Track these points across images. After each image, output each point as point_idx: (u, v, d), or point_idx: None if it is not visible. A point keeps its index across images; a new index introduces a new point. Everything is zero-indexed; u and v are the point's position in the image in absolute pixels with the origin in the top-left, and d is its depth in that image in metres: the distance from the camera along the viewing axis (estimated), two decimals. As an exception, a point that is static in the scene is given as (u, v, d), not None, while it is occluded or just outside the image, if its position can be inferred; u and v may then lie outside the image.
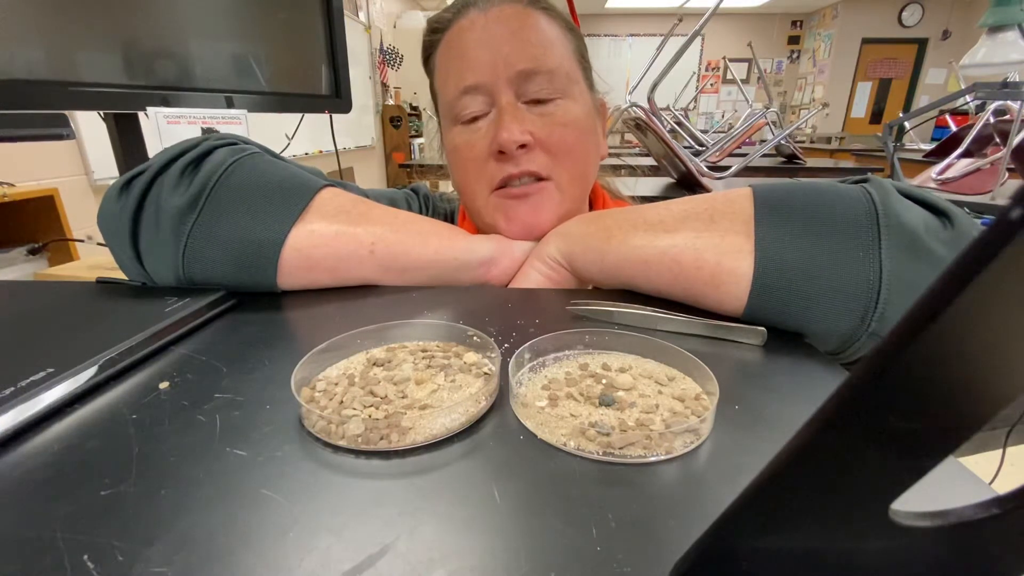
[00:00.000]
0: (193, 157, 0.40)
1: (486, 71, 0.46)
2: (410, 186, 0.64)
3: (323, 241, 0.40)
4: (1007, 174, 1.36)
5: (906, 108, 6.81)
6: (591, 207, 0.56)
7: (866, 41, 6.74)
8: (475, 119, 0.48)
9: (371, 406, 0.24)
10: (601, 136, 0.54)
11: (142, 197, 0.39)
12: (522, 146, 0.45)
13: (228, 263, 0.38)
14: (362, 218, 0.42)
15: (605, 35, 7.42)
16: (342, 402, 0.24)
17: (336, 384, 0.26)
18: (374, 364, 0.28)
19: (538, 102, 0.47)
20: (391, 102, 4.72)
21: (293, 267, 0.39)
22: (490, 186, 0.48)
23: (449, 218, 0.62)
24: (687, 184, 1.48)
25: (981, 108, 1.76)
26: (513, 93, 0.46)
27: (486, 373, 0.27)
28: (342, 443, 0.22)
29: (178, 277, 0.38)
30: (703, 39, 7.29)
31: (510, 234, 0.47)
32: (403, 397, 0.25)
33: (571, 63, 0.49)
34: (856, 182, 0.36)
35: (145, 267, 0.40)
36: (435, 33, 0.51)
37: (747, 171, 1.75)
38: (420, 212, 0.61)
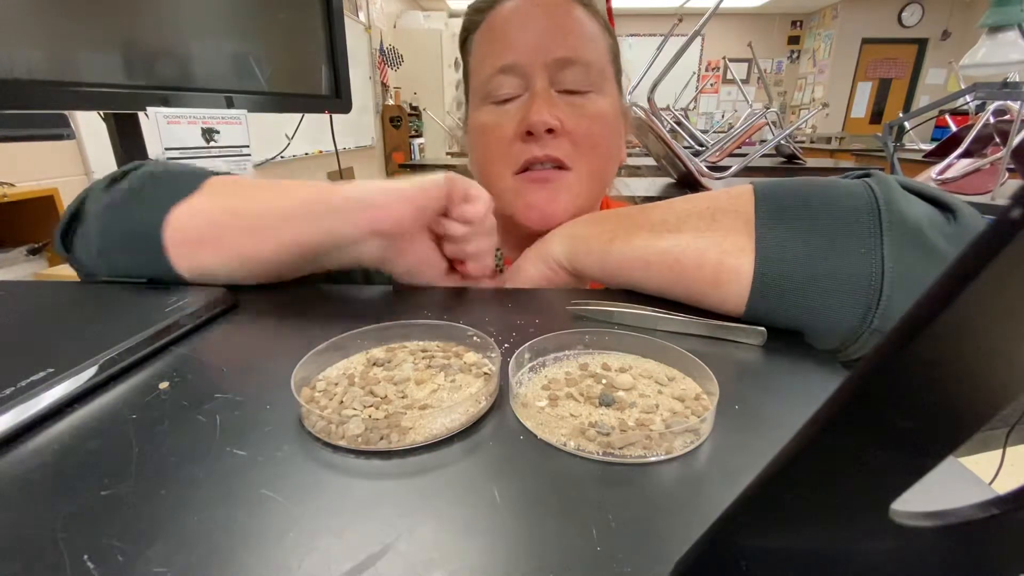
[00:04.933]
0: (117, 174, 0.42)
1: (525, 53, 0.47)
2: None
3: (198, 213, 0.39)
4: (1007, 174, 1.36)
5: (906, 108, 6.81)
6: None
7: (866, 41, 6.74)
8: (507, 100, 0.48)
9: (371, 406, 0.24)
10: (622, 140, 0.55)
11: (76, 212, 0.41)
12: (550, 130, 0.46)
13: (127, 254, 0.39)
14: (242, 190, 0.40)
15: (605, 35, 7.41)
16: (342, 402, 0.24)
17: (336, 384, 0.26)
18: (374, 364, 0.28)
19: (571, 93, 0.48)
20: (391, 102, 4.72)
21: (178, 244, 0.38)
22: (512, 168, 0.48)
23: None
24: (687, 184, 1.48)
25: (981, 108, 1.77)
26: (548, 79, 0.47)
27: (486, 373, 0.27)
28: (342, 443, 0.22)
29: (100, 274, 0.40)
30: (703, 39, 7.29)
31: (527, 220, 0.48)
32: (403, 397, 0.25)
33: (605, 61, 0.50)
34: (858, 177, 0.36)
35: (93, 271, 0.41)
36: (477, 13, 0.52)
37: (747, 171, 1.75)
38: None
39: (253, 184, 0.41)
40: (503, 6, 0.50)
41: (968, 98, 1.73)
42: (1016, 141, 1.30)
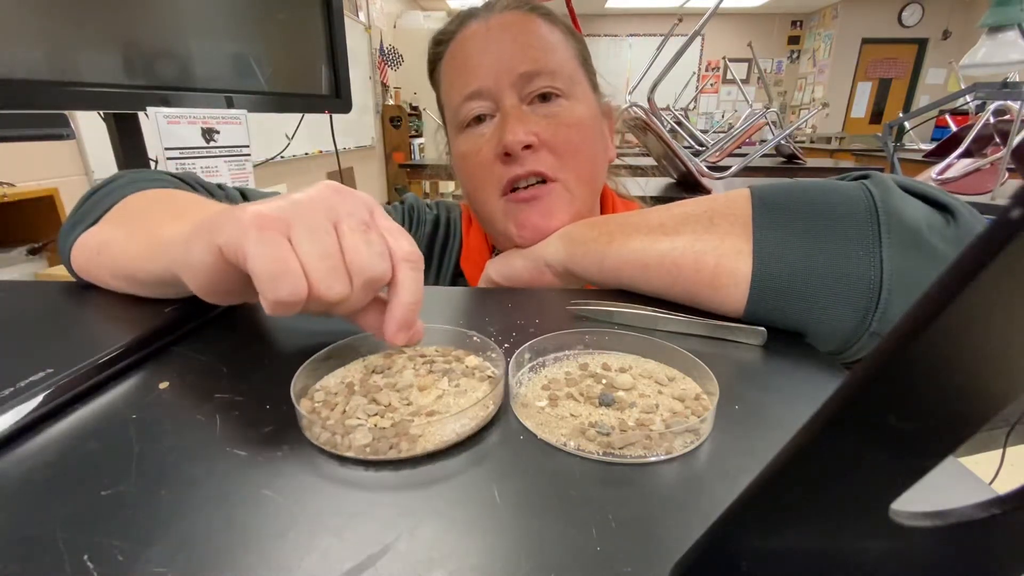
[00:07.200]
0: (99, 185, 0.43)
1: (489, 76, 0.47)
2: (401, 198, 0.64)
3: (85, 244, 0.39)
4: (1007, 174, 1.37)
5: (906, 108, 6.80)
6: (601, 209, 0.56)
7: (866, 41, 6.74)
8: (480, 124, 0.48)
9: (375, 415, 0.24)
10: (608, 138, 0.55)
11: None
12: (527, 147, 0.46)
13: (70, 271, 0.41)
14: (132, 219, 0.39)
15: (605, 35, 7.42)
16: (344, 411, 0.24)
17: (336, 394, 0.25)
18: (373, 371, 0.28)
19: (543, 100, 0.48)
20: (391, 102, 4.72)
21: (79, 269, 0.40)
22: (498, 189, 0.48)
23: (436, 225, 0.62)
24: (687, 184, 1.48)
25: (981, 108, 1.77)
26: (516, 96, 0.47)
27: (490, 377, 0.27)
28: (350, 454, 0.21)
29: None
30: (703, 39, 7.28)
31: (521, 241, 0.47)
32: (407, 404, 0.25)
33: (573, 66, 0.50)
34: (857, 178, 0.36)
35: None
36: (439, 45, 0.53)
37: (747, 171, 1.75)
38: (401, 224, 0.59)
39: (147, 211, 0.40)
40: (462, 34, 0.50)
41: (968, 98, 1.74)
42: (1016, 141, 1.30)
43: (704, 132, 2.92)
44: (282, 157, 1.25)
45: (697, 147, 2.23)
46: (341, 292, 0.24)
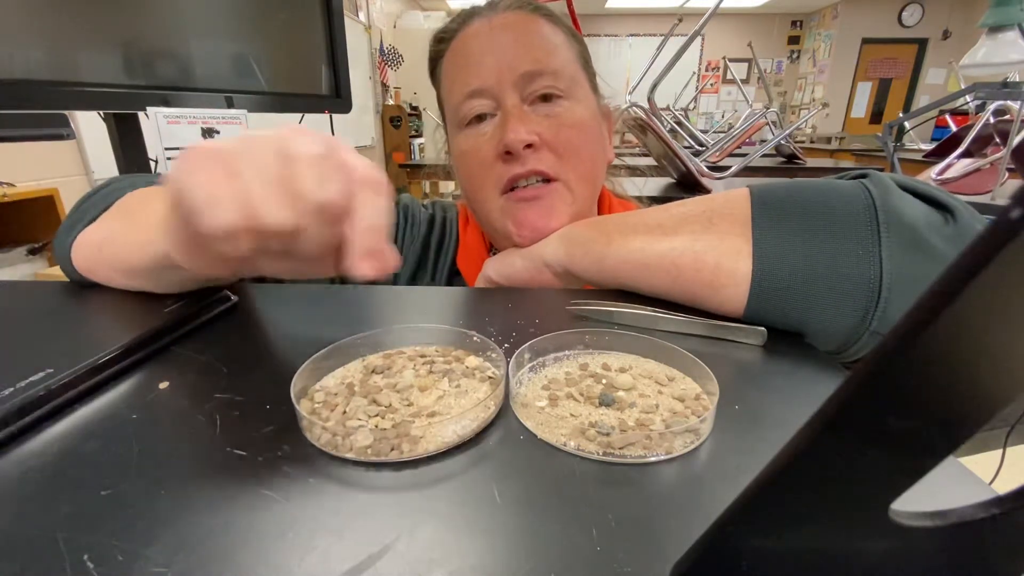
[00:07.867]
0: (99, 187, 0.43)
1: (491, 75, 0.47)
2: (396, 199, 0.64)
3: (85, 241, 0.39)
4: (1007, 174, 1.37)
5: (906, 108, 6.80)
6: (598, 210, 0.56)
7: (866, 41, 6.74)
8: (481, 123, 0.48)
9: (376, 415, 0.23)
10: (607, 140, 0.55)
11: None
12: (528, 146, 0.46)
13: (68, 269, 0.41)
14: (130, 214, 0.39)
15: (605, 35, 7.42)
16: (345, 412, 0.24)
17: (336, 394, 0.25)
18: (372, 371, 0.27)
19: (544, 100, 0.48)
20: (391, 102, 4.72)
21: (81, 266, 0.39)
22: (498, 188, 0.48)
23: (432, 224, 0.62)
24: (687, 184, 1.48)
25: (981, 108, 1.77)
26: (518, 96, 0.47)
27: (490, 377, 0.27)
28: (350, 455, 0.21)
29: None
30: (703, 39, 7.28)
31: (520, 240, 0.47)
32: (408, 405, 0.24)
33: (575, 67, 0.50)
34: (855, 177, 0.36)
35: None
36: (440, 43, 0.53)
37: (747, 171, 1.75)
38: (397, 224, 0.60)
39: (145, 205, 0.39)
40: (464, 32, 0.50)
41: (968, 98, 1.74)
42: (1016, 141, 1.30)
43: (704, 132, 2.93)
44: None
45: (697, 147, 2.23)
46: (286, 218, 0.22)
